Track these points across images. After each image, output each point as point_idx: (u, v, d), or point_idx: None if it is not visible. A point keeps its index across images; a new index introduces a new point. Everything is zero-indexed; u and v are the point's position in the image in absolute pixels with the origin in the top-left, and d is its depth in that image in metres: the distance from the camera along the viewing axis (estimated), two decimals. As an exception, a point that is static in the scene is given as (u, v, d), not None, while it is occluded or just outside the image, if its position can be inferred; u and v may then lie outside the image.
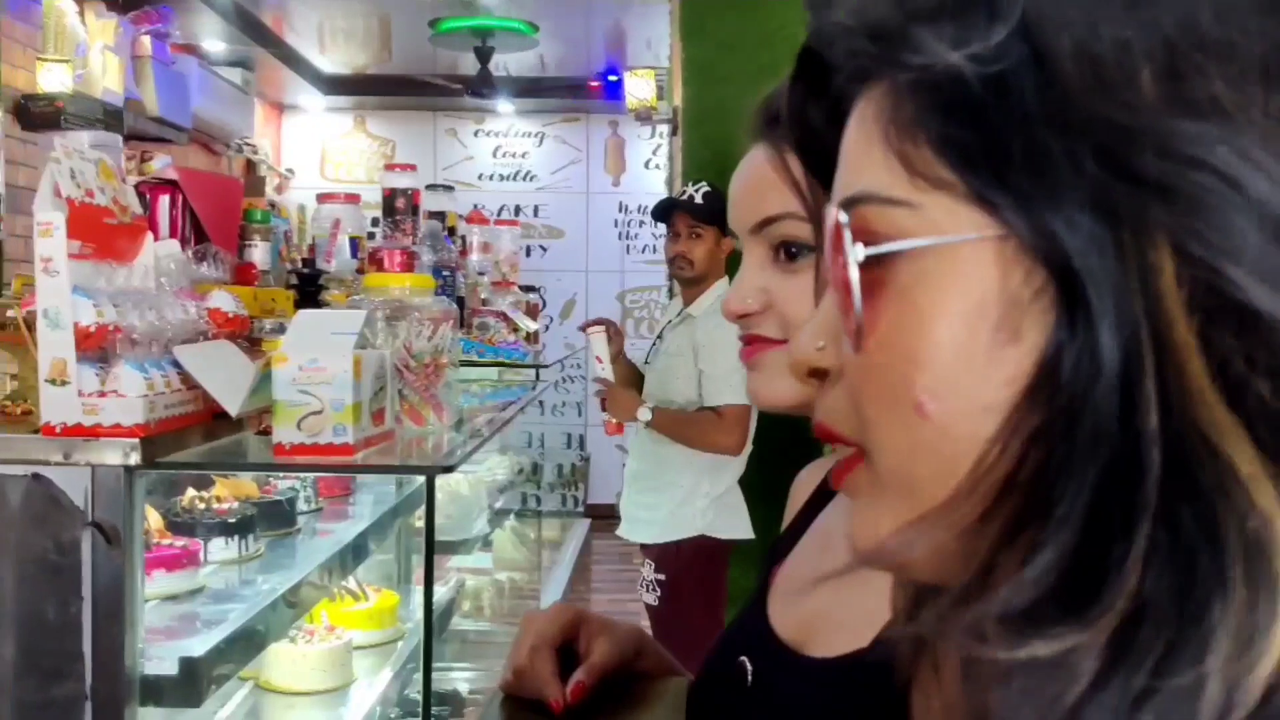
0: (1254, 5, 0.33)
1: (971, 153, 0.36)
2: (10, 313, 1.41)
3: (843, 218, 0.39)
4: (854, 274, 0.38)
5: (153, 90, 5.19)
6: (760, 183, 0.81)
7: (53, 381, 1.34)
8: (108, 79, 4.76)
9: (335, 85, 7.57)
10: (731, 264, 3.52)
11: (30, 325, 1.38)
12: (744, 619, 0.90)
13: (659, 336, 3.66)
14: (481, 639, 3.56)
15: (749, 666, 0.83)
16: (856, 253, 0.38)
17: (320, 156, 8.10)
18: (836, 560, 0.79)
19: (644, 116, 4.68)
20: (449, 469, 1.56)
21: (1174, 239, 0.32)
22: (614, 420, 3.44)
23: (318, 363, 1.44)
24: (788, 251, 0.81)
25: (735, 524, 3.34)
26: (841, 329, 0.40)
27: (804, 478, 0.99)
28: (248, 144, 6.84)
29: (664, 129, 7.14)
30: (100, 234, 1.45)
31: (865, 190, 0.39)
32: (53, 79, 4.22)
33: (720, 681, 0.88)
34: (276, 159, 7.70)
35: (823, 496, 0.92)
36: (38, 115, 3.91)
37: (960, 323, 0.36)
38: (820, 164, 0.45)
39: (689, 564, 3.29)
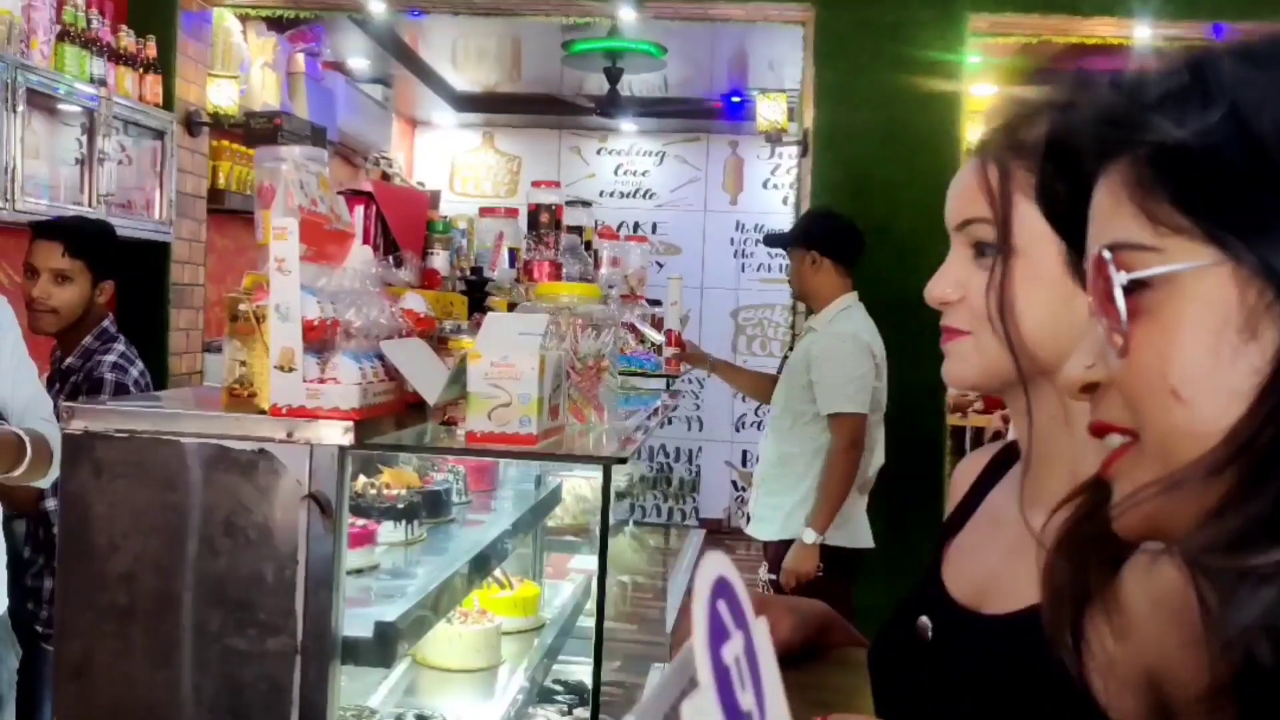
0: None
1: (1202, 204, 0.49)
2: (242, 306, 1.59)
3: (1107, 255, 0.53)
4: (1119, 296, 0.52)
5: (305, 104, 5.49)
6: (966, 189, 0.93)
7: (281, 368, 1.51)
8: (266, 93, 5.06)
9: (466, 102, 7.85)
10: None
11: (260, 318, 1.56)
12: (920, 587, 1.02)
13: (790, 348, 3.83)
14: (608, 636, 3.68)
15: (929, 625, 0.95)
16: (1121, 278, 0.52)
17: (450, 170, 8.40)
18: (1007, 532, 0.90)
19: (774, 138, 4.79)
20: (623, 460, 1.69)
21: None
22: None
23: (508, 359, 1.59)
24: (979, 249, 0.92)
25: (850, 532, 3.40)
26: (1104, 348, 0.54)
27: (966, 465, 1.10)
28: (384, 157, 7.14)
29: (785, 150, 7.23)
30: (319, 239, 1.62)
31: (1118, 239, 0.53)
32: (221, 94, 4.51)
33: (899, 641, 1.00)
34: (409, 172, 8.01)
35: (988, 480, 1.03)
36: (258, 130, 4.30)
37: (1202, 329, 0.49)
38: (1063, 223, 0.61)
39: (826, 578, 3.39)
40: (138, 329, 4.09)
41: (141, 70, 4.13)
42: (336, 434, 1.52)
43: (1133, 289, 0.51)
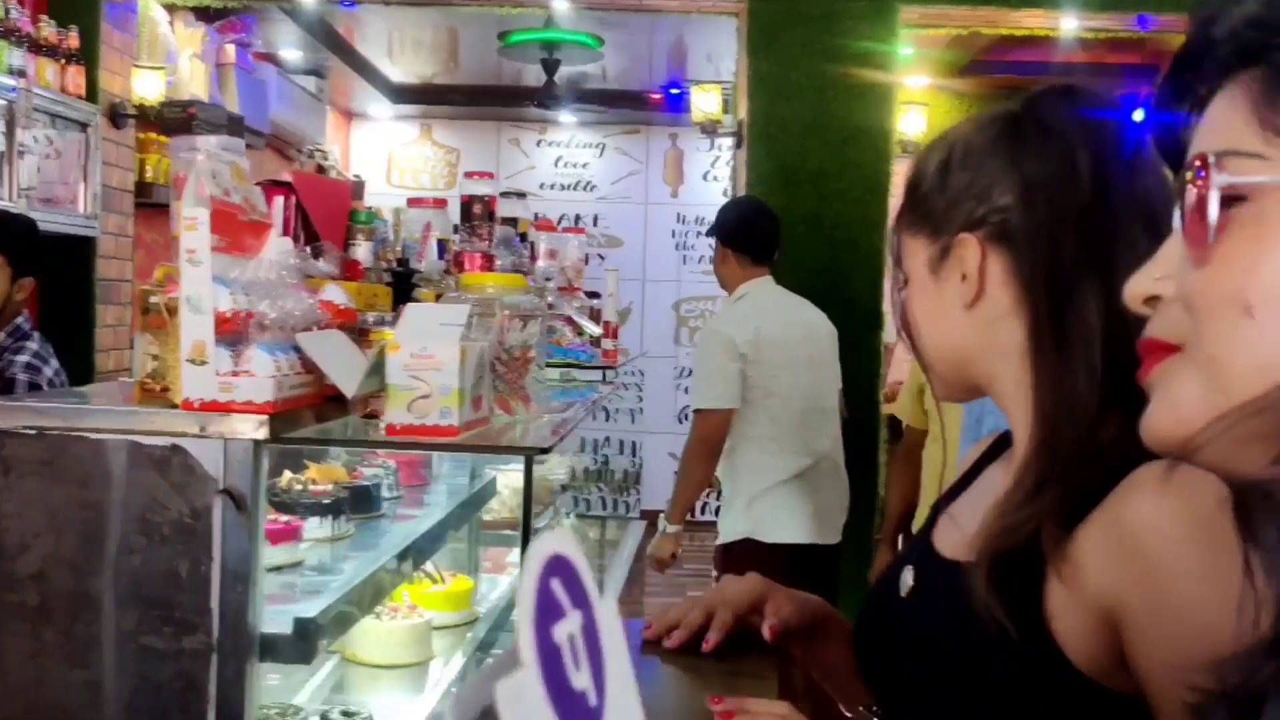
0: None
1: None
2: (154, 299, 1.55)
3: (1211, 158, 0.51)
4: (1214, 200, 0.49)
5: (235, 96, 5.41)
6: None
7: (193, 361, 1.49)
8: (194, 85, 4.98)
9: (403, 94, 7.78)
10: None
11: (172, 311, 1.53)
12: (913, 546, 1.09)
13: None
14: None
15: (910, 576, 1.01)
16: (1221, 179, 0.50)
17: (387, 163, 8.32)
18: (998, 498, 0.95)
19: (709, 129, 4.80)
20: (546, 450, 1.68)
21: None
22: None
23: (427, 351, 1.57)
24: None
25: (783, 528, 3.35)
26: (1181, 261, 0.52)
27: (977, 446, 1.16)
28: (319, 150, 7.05)
29: (723, 142, 7.26)
30: (233, 230, 1.60)
31: (1225, 147, 0.51)
32: (146, 85, 4.43)
33: (881, 598, 1.06)
34: (345, 165, 7.92)
35: (989, 456, 1.09)
36: (171, 120, 4.17)
37: None
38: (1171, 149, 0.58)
39: (737, 569, 3.39)
40: (64, 325, 4.00)
41: (64, 61, 4.04)
42: (250, 428, 1.50)
43: (1232, 198, 0.49)
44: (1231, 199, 0.49)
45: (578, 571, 0.37)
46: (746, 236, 3.48)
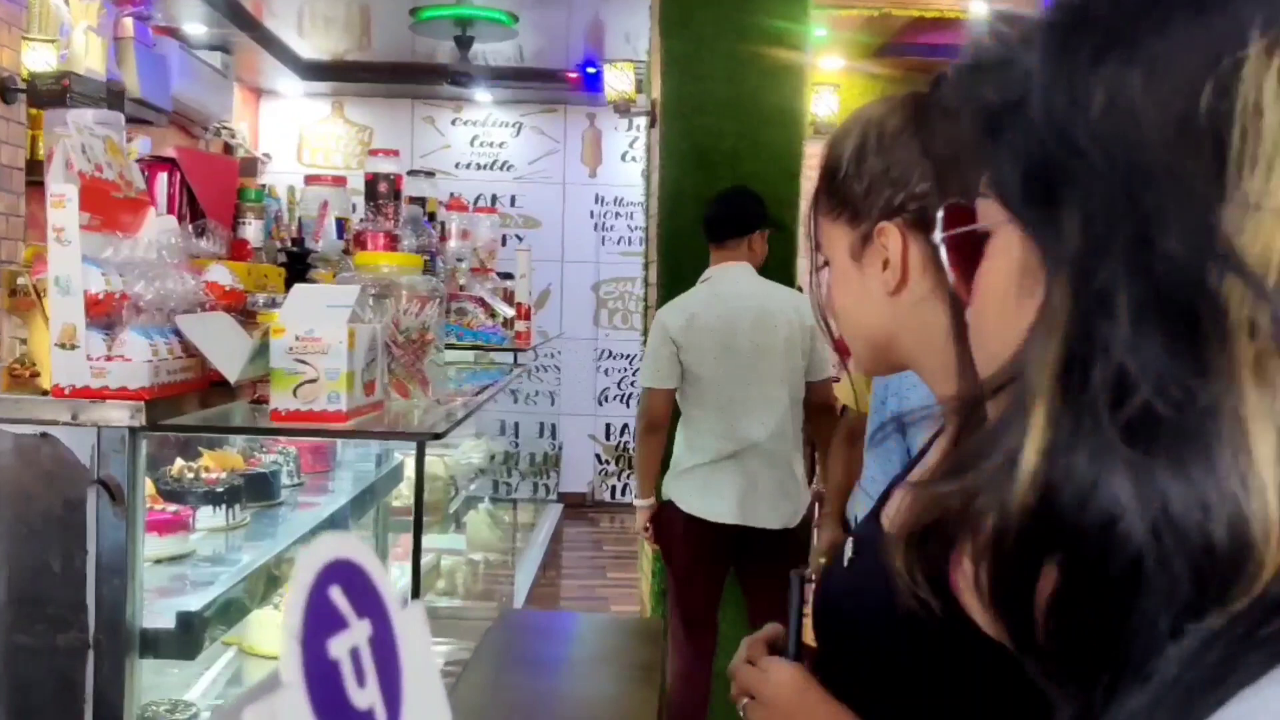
0: None
1: (993, 165, 0.51)
2: (21, 280, 1.48)
3: (939, 214, 0.57)
4: (942, 252, 0.56)
5: (134, 72, 5.22)
6: None
7: (63, 345, 1.41)
8: (90, 59, 4.79)
9: (314, 71, 7.59)
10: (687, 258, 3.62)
11: (41, 292, 1.45)
12: (864, 520, 1.14)
13: None
14: (453, 615, 3.64)
15: (850, 548, 1.05)
16: (936, 236, 0.56)
17: (298, 142, 8.13)
18: None
19: (622, 109, 4.76)
20: (439, 436, 1.64)
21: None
22: None
23: (314, 333, 1.52)
24: None
25: (694, 501, 3.38)
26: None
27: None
28: (225, 127, 6.86)
29: (641, 121, 7.23)
30: (107, 207, 1.52)
31: (954, 199, 0.56)
32: (37, 59, 4.25)
33: (829, 570, 1.11)
34: (254, 143, 7.72)
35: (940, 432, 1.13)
36: (44, 93, 3.96)
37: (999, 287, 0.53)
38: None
39: (660, 526, 3.50)
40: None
41: (-54, 32, 3.86)
42: (125, 415, 1.43)
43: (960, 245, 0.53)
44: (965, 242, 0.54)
45: (369, 577, 0.33)
46: (707, 220, 3.54)
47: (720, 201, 3.58)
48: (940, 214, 0.55)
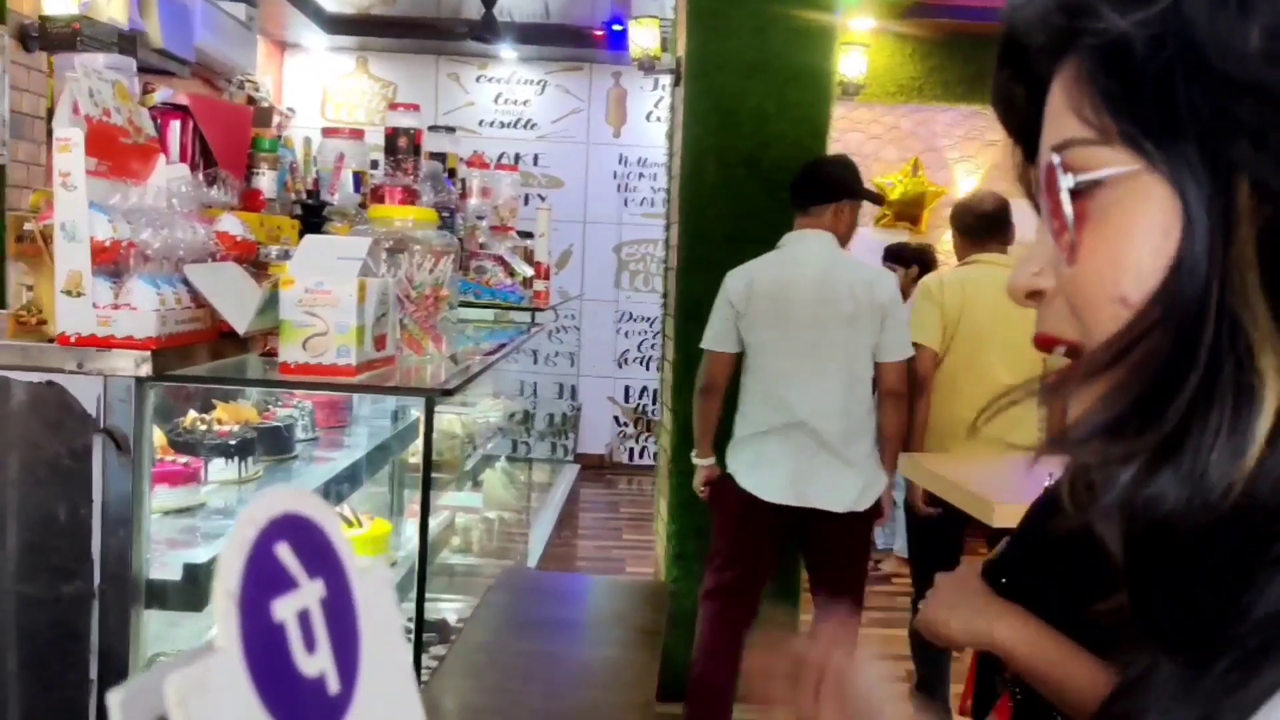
0: None
1: (1124, 103, 0.46)
2: (28, 226, 1.46)
3: (1055, 159, 0.49)
4: (1065, 199, 0.49)
5: (157, 22, 5.19)
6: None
7: (69, 293, 1.39)
8: (112, 8, 4.75)
9: (338, 25, 7.54)
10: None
11: (47, 238, 1.43)
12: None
13: None
14: (469, 573, 3.64)
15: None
16: (1067, 181, 0.49)
17: (321, 96, 8.09)
18: None
19: (647, 66, 4.69)
20: (449, 392, 1.61)
21: (1255, 176, 0.42)
22: None
23: (323, 285, 1.49)
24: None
25: (747, 477, 3.31)
26: (1054, 255, 0.51)
27: None
28: (249, 80, 6.81)
29: (666, 81, 7.15)
30: (115, 153, 1.50)
31: (1066, 138, 0.49)
32: (58, 7, 4.22)
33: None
34: (277, 97, 7.68)
35: None
36: (54, 36, 3.91)
37: (1151, 232, 0.46)
38: (1022, 134, 0.57)
39: (716, 497, 3.48)
40: (-32, 257, 3.83)
41: (-33, -22, 3.83)
42: (131, 365, 1.42)
43: (1083, 191, 0.48)
44: (1088, 188, 0.49)
45: (324, 534, 0.30)
46: (792, 184, 3.42)
47: (809, 166, 3.44)
48: (1055, 158, 0.50)
